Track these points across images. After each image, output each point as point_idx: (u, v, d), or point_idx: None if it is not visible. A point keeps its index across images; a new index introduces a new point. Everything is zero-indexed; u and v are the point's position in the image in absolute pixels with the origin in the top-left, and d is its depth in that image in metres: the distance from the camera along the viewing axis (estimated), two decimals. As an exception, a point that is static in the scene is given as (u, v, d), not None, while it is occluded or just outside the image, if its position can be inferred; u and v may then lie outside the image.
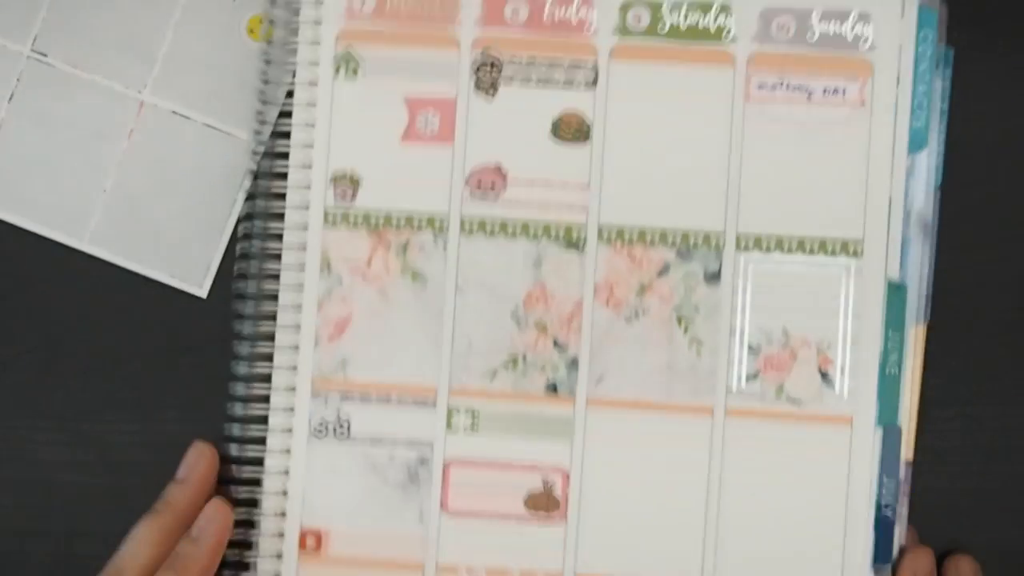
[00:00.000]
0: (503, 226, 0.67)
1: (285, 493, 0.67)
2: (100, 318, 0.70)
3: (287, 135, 0.68)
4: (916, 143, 0.67)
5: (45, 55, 0.70)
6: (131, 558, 0.64)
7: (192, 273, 0.70)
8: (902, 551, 0.66)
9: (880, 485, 0.66)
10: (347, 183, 0.67)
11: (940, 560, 0.68)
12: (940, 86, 0.67)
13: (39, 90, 0.70)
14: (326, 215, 0.67)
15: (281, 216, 0.68)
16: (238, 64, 0.70)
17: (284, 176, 0.68)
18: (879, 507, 0.66)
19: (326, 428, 0.67)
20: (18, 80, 0.70)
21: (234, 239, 0.69)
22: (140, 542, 0.64)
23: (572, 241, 0.67)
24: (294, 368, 0.67)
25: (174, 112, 0.70)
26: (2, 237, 0.70)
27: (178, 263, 0.70)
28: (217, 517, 0.66)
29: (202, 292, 0.70)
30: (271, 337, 0.67)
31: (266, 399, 0.67)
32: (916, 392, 0.67)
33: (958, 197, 0.68)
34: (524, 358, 0.67)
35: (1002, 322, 0.69)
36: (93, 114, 0.70)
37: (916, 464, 0.67)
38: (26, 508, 0.70)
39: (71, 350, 0.70)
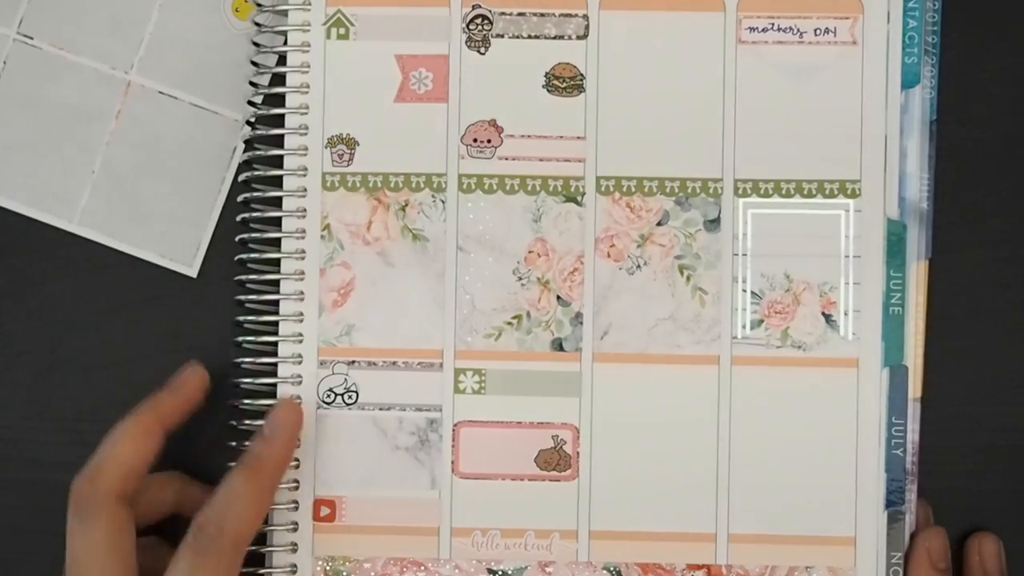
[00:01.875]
0: (501, 182, 0.67)
1: (297, 464, 0.66)
2: (90, 301, 0.70)
3: (281, 100, 0.67)
4: (909, 79, 0.66)
5: (31, 38, 0.70)
6: (111, 455, 0.62)
7: (182, 253, 0.70)
8: (915, 532, 0.67)
9: (889, 426, 0.66)
10: (344, 146, 0.67)
11: (962, 538, 0.68)
12: (930, 19, 0.67)
13: (26, 73, 0.70)
14: (324, 179, 0.67)
15: (277, 182, 0.67)
16: (224, 43, 0.70)
17: (279, 142, 0.67)
18: (889, 448, 0.66)
19: (334, 396, 0.67)
20: (4, 63, 0.70)
21: (223, 219, 0.69)
22: (119, 439, 0.63)
23: (570, 194, 0.67)
24: (299, 337, 0.66)
25: (161, 92, 0.70)
26: (-8, 220, 0.70)
27: (168, 243, 0.70)
28: (288, 415, 0.65)
29: (192, 272, 0.70)
30: (275, 306, 0.67)
31: (272, 372, 0.67)
32: (921, 330, 0.67)
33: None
34: (528, 316, 0.67)
35: (1002, 322, 0.69)
36: (80, 96, 0.70)
37: (916, 464, 0.67)
38: (26, 508, 0.70)
39: (62, 338, 0.69)
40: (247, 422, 0.66)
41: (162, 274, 0.70)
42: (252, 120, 0.68)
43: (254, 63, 0.68)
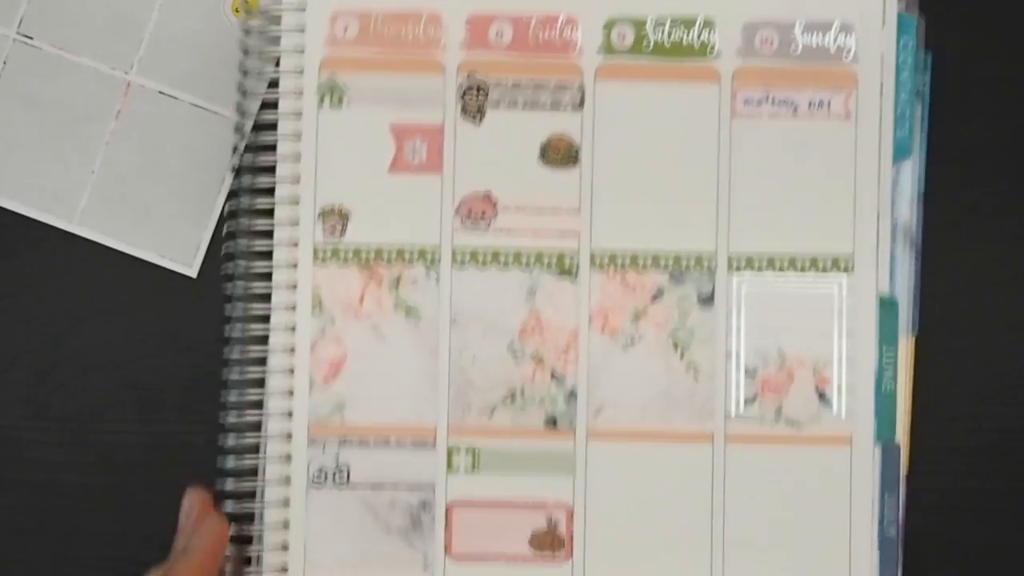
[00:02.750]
0: (495, 256, 0.66)
1: (286, 547, 0.65)
2: (90, 301, 0.70)
3: (271, 148, 0.67)
4: (900, 152, 0.66)
5: (31, 38, 0.71)
6: None
7: (182, 253, 0.70)
8: None
9: (882, 504, 0.66)
10: (336, 217, 0.66)
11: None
12: (920, 92, 0.67)
13: (26, 72, 0.71)
14: (316, 252, 0.66)
15: (266, 255, 0.66)
16: (223, 43, 0.70)
17: (269, 214, 0.66)
18: (882, 527, 0.65)
19: (325, 475, 0.65)
20: (4, 63, 0.71)
21: (223, 219, 0.69)
22: None
23: (565, 268, 0.66)
24: (289, 414, 0.65)
25: (160, 92, 0.70)
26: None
27: (168, 243, 0.70)
28: (209, 530, 0.64)
29: (192, 272, 0.70)
30: (261, 383, 0.66)
31: (258, 449, 0.66)
32: (908, 406, 0.67)
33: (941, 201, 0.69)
34: (522, 392, 0.66)
35: (1002, 322, 0.69)
36: (80, 96, 0.70)
37: (915, 464, 0.67)
38: (26, 508, 0.69)
39: (62, 338, 0.69)
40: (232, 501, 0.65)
41: (162, 274, 0.70)
42: (236, 167, 0.67)
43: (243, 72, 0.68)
